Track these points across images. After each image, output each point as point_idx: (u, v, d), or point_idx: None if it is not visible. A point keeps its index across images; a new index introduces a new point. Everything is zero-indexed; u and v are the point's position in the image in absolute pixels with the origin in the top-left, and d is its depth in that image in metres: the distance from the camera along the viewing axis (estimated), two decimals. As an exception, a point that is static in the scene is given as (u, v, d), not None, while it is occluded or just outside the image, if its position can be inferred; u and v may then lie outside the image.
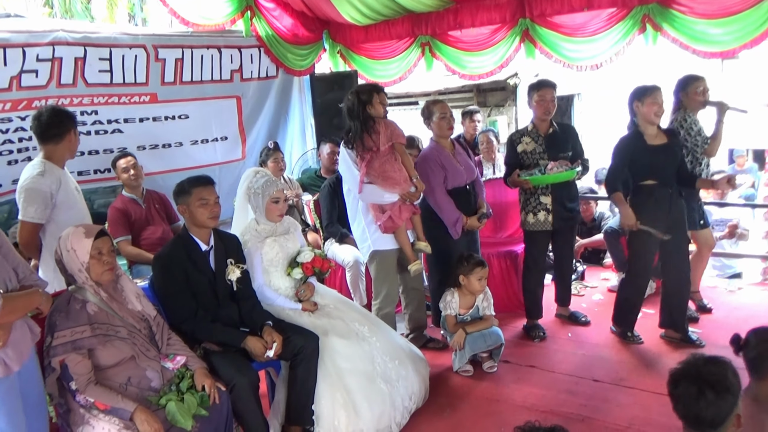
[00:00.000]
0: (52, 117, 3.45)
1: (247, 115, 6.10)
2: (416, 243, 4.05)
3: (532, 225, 4.30)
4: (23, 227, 3.37)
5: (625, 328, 4.26)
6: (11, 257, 2.35)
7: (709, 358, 1.93)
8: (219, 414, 2.65)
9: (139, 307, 2.76)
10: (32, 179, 3.34)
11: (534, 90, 4.24)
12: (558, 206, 4.25)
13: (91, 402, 2.45)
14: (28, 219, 3.35)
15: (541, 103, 4.20)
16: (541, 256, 4.49)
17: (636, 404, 3.40)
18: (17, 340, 2.24)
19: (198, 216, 3.02)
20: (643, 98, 3.89)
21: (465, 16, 5.75)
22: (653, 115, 3.87)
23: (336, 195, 4.67)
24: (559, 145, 4.27)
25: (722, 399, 1.81)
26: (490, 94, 11.30)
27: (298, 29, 6.22)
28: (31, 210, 3.32)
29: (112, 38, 4.92)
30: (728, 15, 4.62)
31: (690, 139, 4.22)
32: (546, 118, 4.25)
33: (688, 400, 1.86)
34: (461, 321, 3.99)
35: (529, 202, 4.30)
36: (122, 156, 4.52)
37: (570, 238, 4.56)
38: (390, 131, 3.82)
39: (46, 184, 3.34)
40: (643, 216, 3.91)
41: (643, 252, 4.07)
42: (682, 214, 4.03)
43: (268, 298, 3.34)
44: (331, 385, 3.11)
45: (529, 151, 4.25)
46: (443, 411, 3.49)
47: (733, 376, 1.86)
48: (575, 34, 5.34)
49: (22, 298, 2.28)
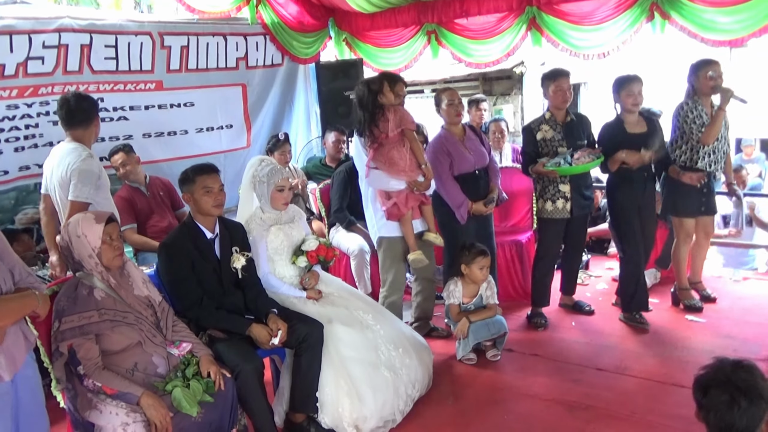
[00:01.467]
0: (80, 102, 3.56)
1: (252, 103, 6.10)
2: (426, 233, 4.04)
3: (550, 213, 4.28)
4: (74, 207, 3.41)
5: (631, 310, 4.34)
6: (8, 258, 2.23)
7: (737, 362, 1.84)
8: (224, 401, 2.67)
9: (146, 292, 2.78)
10: (84, 161, 3.47)
11: (550, 80, 4.21)
12: (576, 194, 4.23)
13: (98, 386, 2.48)
14: (82, 199, 3.43)
15: (559, 92, 4.18)
16: (555, 245, 4.47)
17: (640, 393, 3.41)
18: (9, 348, 2.14)
19: (202, 204, 3.02)
20: (621, 90, 4.10)
21: (471, 4, 5.71)
22: (630, 105, 4.09)
23: (350, 182, 4.65)
24: (577, 133, 4.26)
25: (756, 406, 1.74)
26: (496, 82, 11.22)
27: (303, 17, 6.20)
28: (85, 190, 3.43)
29: (118, 25, 4.92)
30: (737, 3, 4.57)
31: (686, 126, 4.18)
32: (563, 107, 4.23)
33: (721, 408, 1.77)
34: (465, 310, 3.99)
35: (547, 189, 4.27)
36: (114, 152, 4.50)
37: (584, 227, 4.55)
38: (399, 117, 3.80)
39: (96, 166, 3.53)
40: (617, 196, 4.23)
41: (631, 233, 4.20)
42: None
43: (272, 285, 3.35)
44: (335, 372, 3.13)
45: (548, 138, 4.23)
46: (447, 399, 3.50)
47: (762, 380, 1.78)
48: (582, 22, 5.29)
49: (15, 301, 2.15)
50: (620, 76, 4.13)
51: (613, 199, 4.33)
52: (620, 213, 4.26)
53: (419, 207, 4.00)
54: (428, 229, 4.07)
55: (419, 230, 4.04)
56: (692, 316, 4.36)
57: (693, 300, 4.52)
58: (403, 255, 4.06)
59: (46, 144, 4.47)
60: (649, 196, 4.27)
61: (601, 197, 6.09)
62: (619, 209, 4.27)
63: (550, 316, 4.53)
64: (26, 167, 4.46)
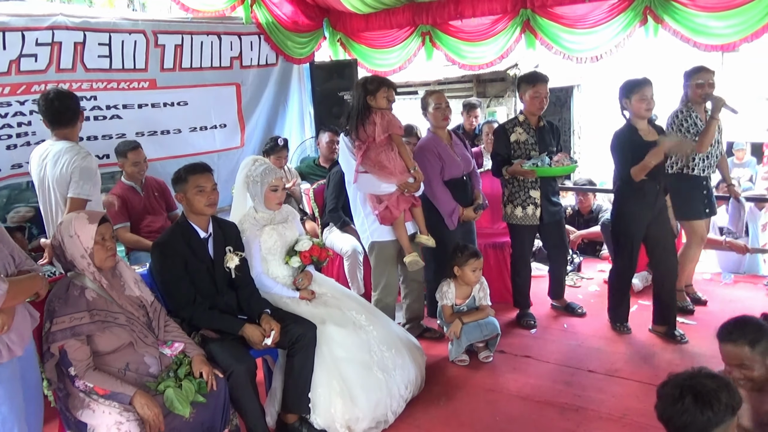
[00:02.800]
0: (65, 101, 3.60)
1: (246, 102, 6.08)
2: (418, 236, 4.04)
3: (520, 219, 4.29)
4: (74, 204, 3.46)
5: (616, 320, 4.30)
6: (7, 242, 2.37)
7: (712, 373, 1.86)
8: (216, 401, 2.67)
9: (138, 293, 2.77)
10: (85, 158, 3.53)
11: (528, 84, 4.20)
12: (545, 200, 4.26)
13: (90, 387, 2.47)
14: (83, 196, 3.49)
15: (536, 99, 4.18)
16: (528, 250, 4.52)
17: (631, 395, 3.42)
18: (19, 325, 2.26)
19: (195, 203, 3.02)
20: (631, 95, 3.85)
21: (466, 6, 5.72)
22: (644, 111, 3.84)
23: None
24: (548, 139, 4.30)
25: (700, 410, 1.75)
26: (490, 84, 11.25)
27: (298, 17, 6.20)
28: (87, 187, 3.51)
29: (111, 23, 4.90)
30: (729, 8, 4.60)
31: (680, 134, 4.19)
32: (539, 114, 4.25)
33: (667, 400, 1.83)
34: (458, 311, 4.00)
35: (517, 195, 4.27)
36: (133, 149, 4.46)
37: (560, 232, 4.54)
38: (386, 122, 3.78)
39: (95, 163, 3.58)
40: (628, 208, 3.98)
41: (628, 239, 4.07)
42: (665, 208, 4.08)
43: (266, 286, 3.35)
44: (327, 373, 3.13)
45: (522, 141, 4.23)
46: (439, 399, 3.51)
47: (727, 397, 1.77)
48: (576, 25, 5.31)
49: (25, 281, 2.29)
50: (630, 79, 3.90)
51: (622, 209, 4.07)
52: (626, 224, 4.03)
53: (410, 209, 3.99)
54: (419, 231, 4.08)
55: (410, 232, 4.04)
56: (683, 319, 4.38)
57: (684, 302, 4.55)
58: (395, 258, 4.06)
59: (38, 142, 4.41)
60: (662, 207, 4.04)
61: (593, 199, 6.11)
62: (627, 221, 4.02)
63: (542, 318, 4.55)
64: (18, 165, 4.43)
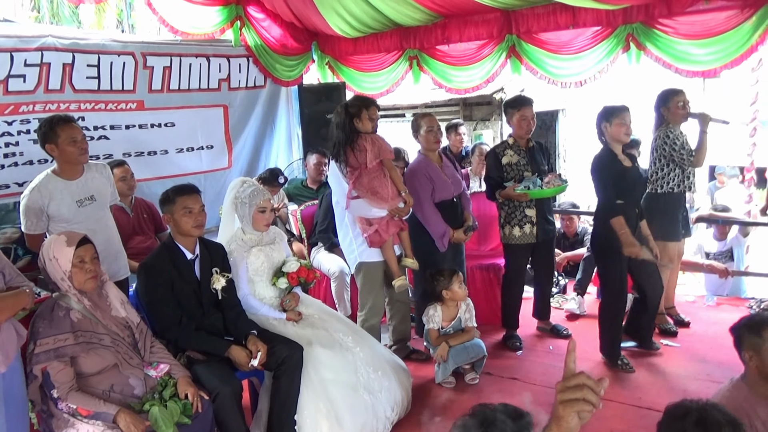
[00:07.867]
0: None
1: (233, 124, 6.10)
2: (403, 259, 4.06)
3: (518, 238, 4.32)
4: (26, 236, 3.60)
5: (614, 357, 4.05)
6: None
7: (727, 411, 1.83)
8: (202, 423, 2.65)
9: (124, 314, 2.76)
10: (24, 194, 3.52)
11: (514, 108, 4.27)
12: (541, 219, 4.31)
13: (73, 409, 2.45)
14: (25, 230, 3.56)
15: (523, 122, 4.25)
16: (522, 270, 4.54)
17: (615, 416, 3.43)
18: (4, 342, 2.27)
19: (182, 225, 3.02)
20: (611, 119, 3.83)
21: (453, 31, 5.82)
22: (623, 135, 3.82)
23: None
24: (539, 158, 4.36)
25: None
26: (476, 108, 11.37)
27: (287, 40, 6.26)
28: (27, 223, 3.51)
29: (100, 45, 4.91)
30: (710, 36, 4.72)
31: (675, 153, 4.22)
32: (527, 136, 4.32)
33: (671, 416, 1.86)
34: (444, 333, 4.01)
35: (513, 215, 4.31)
36: (118, 165, 4.50)
37: (551, 251, 4.60)
38: (377, 147, 3.80)
39: (33, 200, 3.46)
40: (610, 234, 3.81)
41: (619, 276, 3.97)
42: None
43: (252, 307, 3.35)
44: (314, 395, 3.12)
45: (513, 163, 4.29)
46: (425, 422, 3.50)
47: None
48: (560, 51, 5.42)
49: (11, 297, 2.34)
50: (608, 105, 3.90)
51: (605, 230, 3.87)
52: (611, 251, 3.86)
53: (397, 233, 4.01)
54: (404, 254, 4.09)
55: (396, 254, 4.06)
56: (667, 341, 4.41)
57: (667, 324, 4.59)
58: (382, 279, 4.08)
59: (26, 162, 4.43)
60: (640, 232, 3.97)
61: (578, 222, 6.16)
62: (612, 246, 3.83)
63: (528, 340, 4.56)
64: (6, 186, 4.40)
